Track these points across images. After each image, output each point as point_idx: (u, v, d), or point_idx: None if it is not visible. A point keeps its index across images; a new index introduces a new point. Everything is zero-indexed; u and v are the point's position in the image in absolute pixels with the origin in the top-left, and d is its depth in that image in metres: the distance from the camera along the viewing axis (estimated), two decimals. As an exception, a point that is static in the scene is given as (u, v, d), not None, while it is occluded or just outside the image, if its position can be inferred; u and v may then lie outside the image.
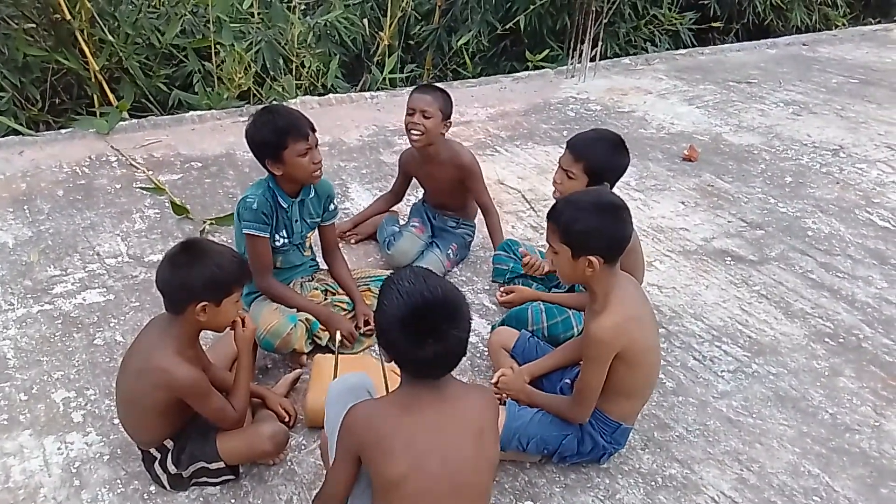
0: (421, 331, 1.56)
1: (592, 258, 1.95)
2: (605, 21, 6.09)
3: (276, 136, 2.44)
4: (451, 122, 3.07)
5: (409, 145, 3.14)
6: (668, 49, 7.05)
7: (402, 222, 3.47)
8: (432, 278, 1.63)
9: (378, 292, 1.67)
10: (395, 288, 1.60)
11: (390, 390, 1.96)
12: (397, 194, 3.48)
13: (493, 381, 2.31)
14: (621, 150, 2.53)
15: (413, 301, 1.57)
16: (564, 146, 2.58)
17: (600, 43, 6.13)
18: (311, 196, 2.64)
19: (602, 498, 2.16)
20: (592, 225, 1.95)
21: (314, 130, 2.51)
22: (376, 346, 2.66)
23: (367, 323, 2.70)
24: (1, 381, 2.53)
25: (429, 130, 2.98)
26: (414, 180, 3.39)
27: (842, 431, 2.46)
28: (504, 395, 2.27)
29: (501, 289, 2.99)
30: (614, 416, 2.15)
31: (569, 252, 1.97)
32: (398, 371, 1.69)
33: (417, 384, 1.65)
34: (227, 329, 2.11)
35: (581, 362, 2.30)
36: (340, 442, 1.68)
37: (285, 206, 2.58)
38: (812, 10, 7.93)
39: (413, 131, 2.99)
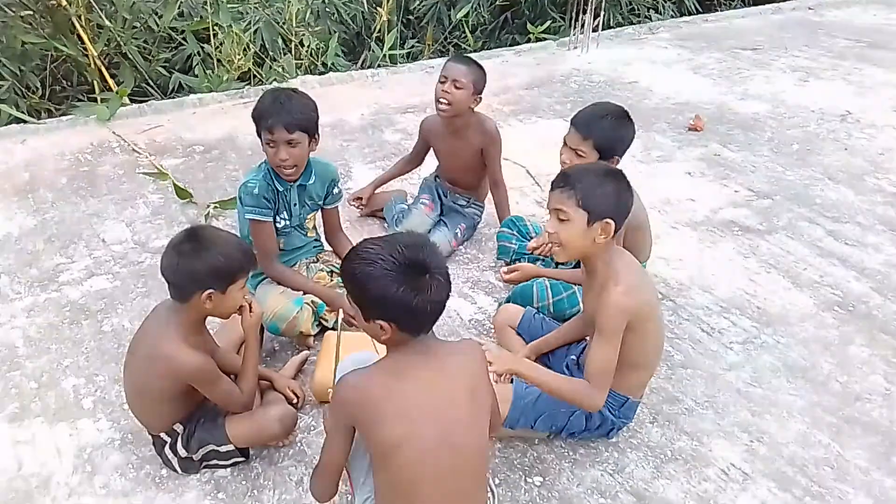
0: (418, 272, 1.56)
1: (609, 221, 1.92)
2: (607, -10, 6.01)
3: (254, 118, 2.47)
4: (481, 98, 3.02)
5: (425, 117, 3.11)
6: (671, 17, 6.95)
7: (409, 201, 3.45)
8: (392, 237, 1.66)
9: (348, 272, 1.64)
10: (368, 255, 1.60)
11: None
12: (414, 160, 3.42)
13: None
14: (627, 123, 2.50)
15: (397, 251, 1.58)
16: (569, 123, 2.54)
17: (602, 13, 6.05)
18: (311, 181, 2.61)
19: (611, 472, 2.17)
20: (610, 189, 1.95)
21: (291, 130, 2.39)
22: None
23: None
24: (11, 369, 2.54)
25: (458, 101, 2.94)
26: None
27: (852, 400, 2.45)
28: (505, 375, 2.23)
29: (505, 266, 2.97)
30: (622, 389, 2.13)
31: (585, 217, 1.92)
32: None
33: (403, 349, 1.64)
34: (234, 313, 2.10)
35: (587, 338, 2.29)
36: (333, 413, 1.69)
37: (281, 189, 2.56)
38: (819, -27, 7.79)
39: (441, 100, 2.95)
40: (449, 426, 1.60)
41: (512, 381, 2.21)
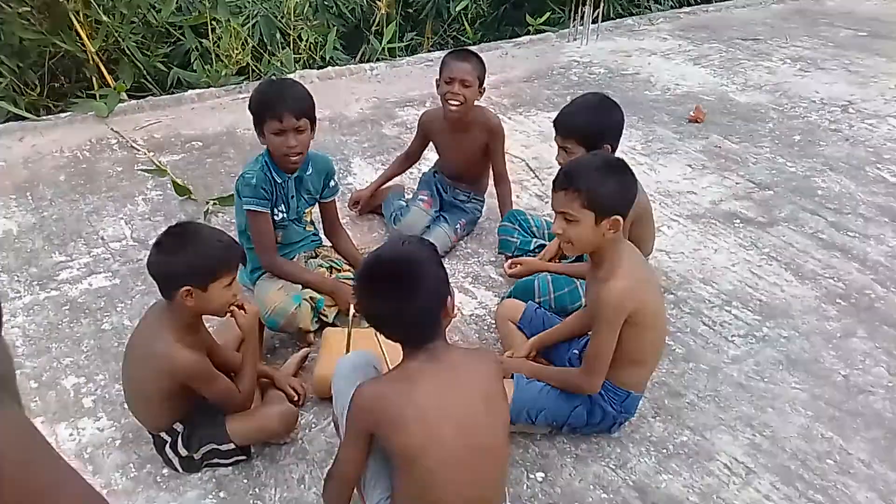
0: (370, 287, 1.64)
1: (617, 218, 1.93)
2: (606, -19, 5.97)
3: (257, 108, 2.45)
4: (485, 89, 3.03)
5: (424, 111, 3.13)
6: (671, 7, 6.92)
7: (408, 196, 3.43)
8: (403, 245, 1.71)
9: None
10: (375, 250, 1.75)
11: (390, 364, 1.96)
12: (412, 156, 3.40)
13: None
14: (608, 108, 2.49)
15: (370, 260, 1.69)
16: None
17: (602, 4, 6.02)
18: (308, 173, 2.61)
19: (614, 467, 2.16)
20: (613, 186, 1.95)
21: (299, 117, 2.42)
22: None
23: None
24: (11, 369, 2.53)
25: (468, 100, 2.95)
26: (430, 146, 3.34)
27: (855, 393, 2.44)
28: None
29: (508, 261, 2.96)
30: (623, 384, 2.13)
31: (592, 217, 1.93)
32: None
33: (414, 356, 1.66)
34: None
35: (590, 333, 2.29)
36: (350, 423, 1.68)
37: (280, 181, 2.56)
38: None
39: (452, 101, 2.94)
40: (468, 429, 1.61)
41: (513, 377, 2.20)
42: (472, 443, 1.61)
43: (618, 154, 2.44)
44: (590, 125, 2.44)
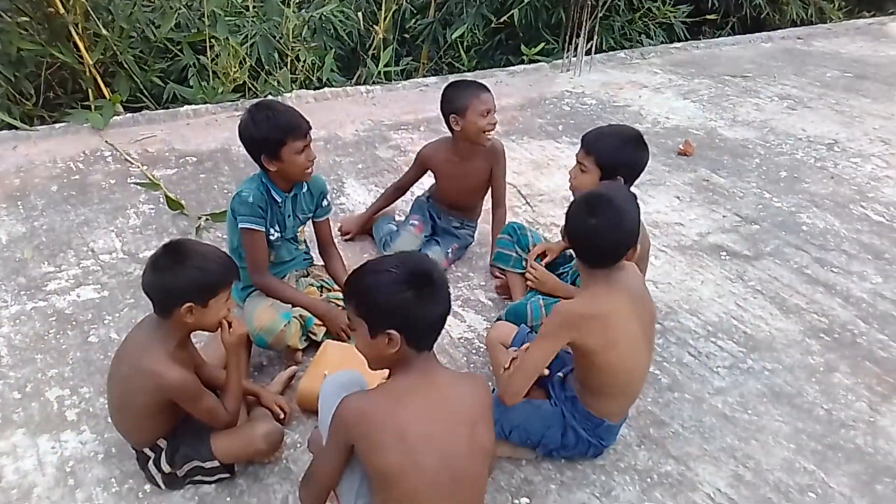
0: (424, 280, 1.63)
1: (581, 262, 2.04)
2: (599, 15, 6.07)
3: (277, 133, 2.44)
4: None
5: (425, 146, 3.23)
6: (662, 42, 7.04)
7: (397, 217, 3.45)
8: (395, 255, 1.74)
9: (356, 283, 1.69)
10: (376, 266, 1.68)
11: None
12: (402, 188, 3.40)
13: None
14: (636, 146, 2.53)
15: (403, 262, 1.67)
16: (576, 141, 2.60)
17: (595, 36, 6.12)
18: (303, 191, 2.64)
19: (598, 495, 2.17)
20: (573, 219, 2.03)
21: (310, 128, 2.51)
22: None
23: None
24: (-5, 379, 2.52)
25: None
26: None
27: (837, 427, 2.47)
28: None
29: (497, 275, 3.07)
30: (596, 412, 2.14)
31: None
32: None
33: (406, 371, 1.66)
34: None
35: (579, 361, 2.30)
36: (333, 432, 1.68)
37: (279, 200, 2.57)
38: (808, 4, 7.93)
39: (493, 131, 3.02)
40: (449, 456, 1.61)
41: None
42: (452, 470, 1.61)
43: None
44: (610, 151, 2.49)
